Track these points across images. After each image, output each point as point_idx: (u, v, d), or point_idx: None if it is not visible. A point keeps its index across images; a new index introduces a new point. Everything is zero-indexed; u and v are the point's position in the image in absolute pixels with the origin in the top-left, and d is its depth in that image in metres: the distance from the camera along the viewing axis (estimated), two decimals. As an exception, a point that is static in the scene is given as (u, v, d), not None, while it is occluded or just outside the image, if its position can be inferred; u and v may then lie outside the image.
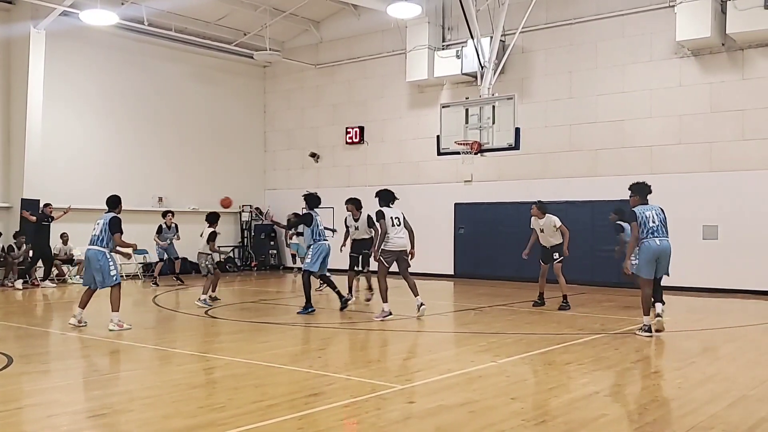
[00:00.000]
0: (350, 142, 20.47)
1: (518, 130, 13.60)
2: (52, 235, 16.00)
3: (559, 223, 11.58)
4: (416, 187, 18.64)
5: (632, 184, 9.15)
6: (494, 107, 13.86)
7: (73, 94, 18.07)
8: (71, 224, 16.44)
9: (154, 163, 19.62)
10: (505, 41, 15.87)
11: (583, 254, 16.12)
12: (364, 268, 12.65)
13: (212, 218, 12.42)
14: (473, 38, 14.93)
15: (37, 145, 16.82)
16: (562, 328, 9.70)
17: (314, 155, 21.27)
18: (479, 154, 14.17)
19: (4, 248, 16.37)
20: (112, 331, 9.11)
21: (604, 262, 15.00)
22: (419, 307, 10.42)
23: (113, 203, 9.58)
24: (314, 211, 11.20)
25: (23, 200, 16.66)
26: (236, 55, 20.71)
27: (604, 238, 14.68)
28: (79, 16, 15.97)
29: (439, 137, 14.72)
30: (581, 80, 16.64)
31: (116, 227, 9.26)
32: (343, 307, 11.29)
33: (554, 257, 11.60)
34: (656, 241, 8.72)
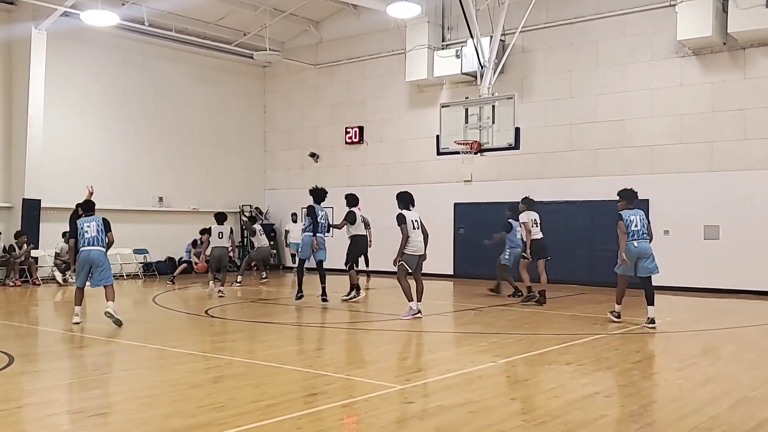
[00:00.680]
0: (350, 142, 20.47)
1: (518, 129, 13.61)
2: (54, 234, 16.01)
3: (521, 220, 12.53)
4: (416, 187, 18.49)
5: (620, 190, 10.02)
6: (494, 107, 13.87)
7: (74, 94, 18.08)
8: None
9: (154, 162, 19.62)
10: (505, 41, 15.86)
11: (583, 254, 16.14)
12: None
13: (224, 217, 13.95)
14: (473, 38, 14.93)
15: (38, 145, 16.84)
16: (562, 328, 9.69)
17: (314, 155, 21.27)
18: (479, 153, 14.20)
19: (5, 248, 16.37)
20: (109, 315, 9.45)
21: (604, 262, 14.92)
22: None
23: (92, 208, 10.20)
24: (318, 205, 12.23)
25: (24, 200, 16.67)
26: (236, 55, 20.72)
27: (604, 238, 14.66)
28: (80, 16, 16.02)
29: (438, 137, 14.73)
30: (581, 80, 16.62)
31: (109, 227, 9.96)
32: (323, 300, 12.14)
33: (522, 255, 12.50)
34: (635, 243, 9.62)
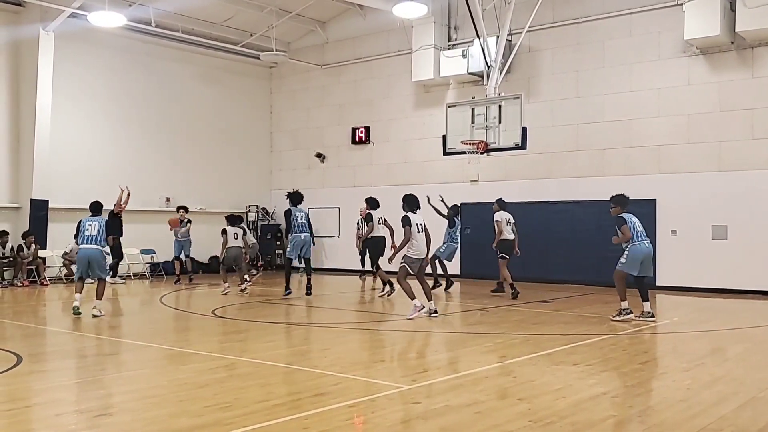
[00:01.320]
0: (356, 142, 20.47)
1: (525, 129, 13.57)
2: (62, 234, 16.09)
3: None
4: (422, 187, 18.54)
5: (613, 196, 10.37)
6: (500, 107, 13.84)
7: (81, 95, 18.14)
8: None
9: (161, 163, 19.68)
10: (511, 40, 15.81)
11: (589, 255, 16.07)
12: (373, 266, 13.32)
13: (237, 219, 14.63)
14: (479, 38, 14.90)
15: (45, 145, 16.90)
16: (569, 328, 9.67)
17: (320, 155, 21.28)
18: (485, 153, 14.17)
19: (13, 248, 16.44)
20: (95, 316, 10.16)
21: (611, 262, 14.82)
22: (424, 312, 10.43)
23: (99, 208, 10.62)
24: (296, 206, 13.19)
25: (32, 200, 16.74)
26: (242, 55, 20.74)
27: (610, 238, 14.57)
28: (87, 18, 16.09)
29: (445, 137, 14.71)
30: (588, 79, 16.57)
31: (110, 230, 10.58)
32: (308, 294, 13.19)
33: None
34: (645, 243, 9.89)
